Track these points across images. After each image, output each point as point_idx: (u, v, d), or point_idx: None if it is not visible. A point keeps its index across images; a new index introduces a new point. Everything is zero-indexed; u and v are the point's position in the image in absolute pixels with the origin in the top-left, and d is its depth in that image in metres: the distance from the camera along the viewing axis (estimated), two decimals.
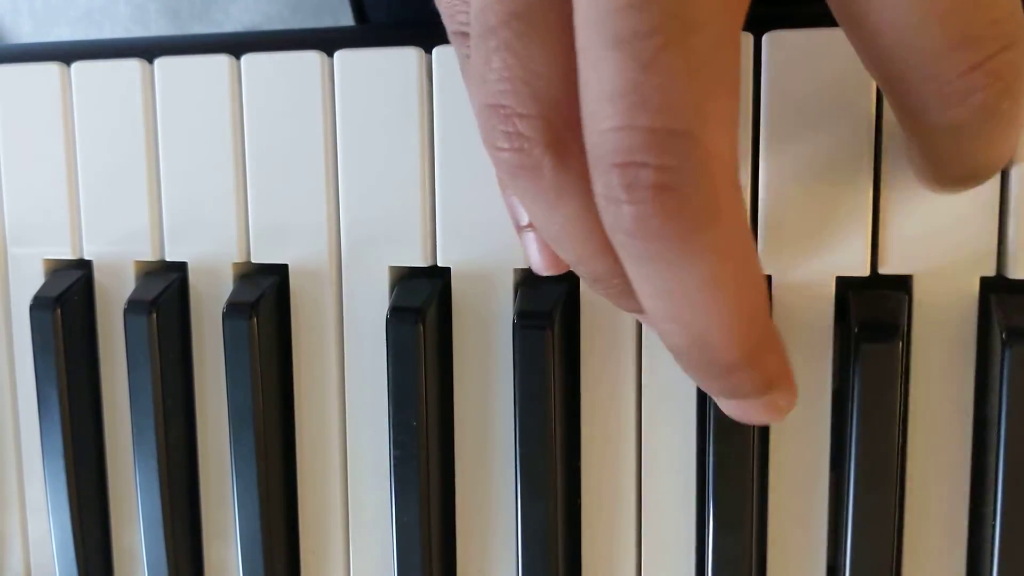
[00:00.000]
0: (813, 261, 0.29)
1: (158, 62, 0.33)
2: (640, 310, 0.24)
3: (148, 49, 0.34)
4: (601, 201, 0.20)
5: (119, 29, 0.43)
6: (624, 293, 0.24)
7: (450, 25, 0.25)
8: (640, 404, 0.31)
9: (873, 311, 0.28)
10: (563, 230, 0.23)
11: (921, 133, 0.22)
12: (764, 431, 0.30)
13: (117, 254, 0.35)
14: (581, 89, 0.20)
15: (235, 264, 0.34)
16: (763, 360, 0.23)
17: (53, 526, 0.36)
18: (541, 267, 0.27)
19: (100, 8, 0.43)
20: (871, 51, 0.21)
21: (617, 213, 0.20)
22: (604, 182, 0.20)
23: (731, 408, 0.25)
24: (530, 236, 0.27)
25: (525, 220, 0.27)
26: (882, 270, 0.28)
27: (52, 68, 0.34)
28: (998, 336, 0.27)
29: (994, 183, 0.27)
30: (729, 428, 0.29)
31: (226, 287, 0.34)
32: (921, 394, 0.29)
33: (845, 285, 0.29)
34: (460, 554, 0.33)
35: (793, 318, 0.29)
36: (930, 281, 0.28)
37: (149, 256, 0.35)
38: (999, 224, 0.27)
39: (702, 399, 0.30)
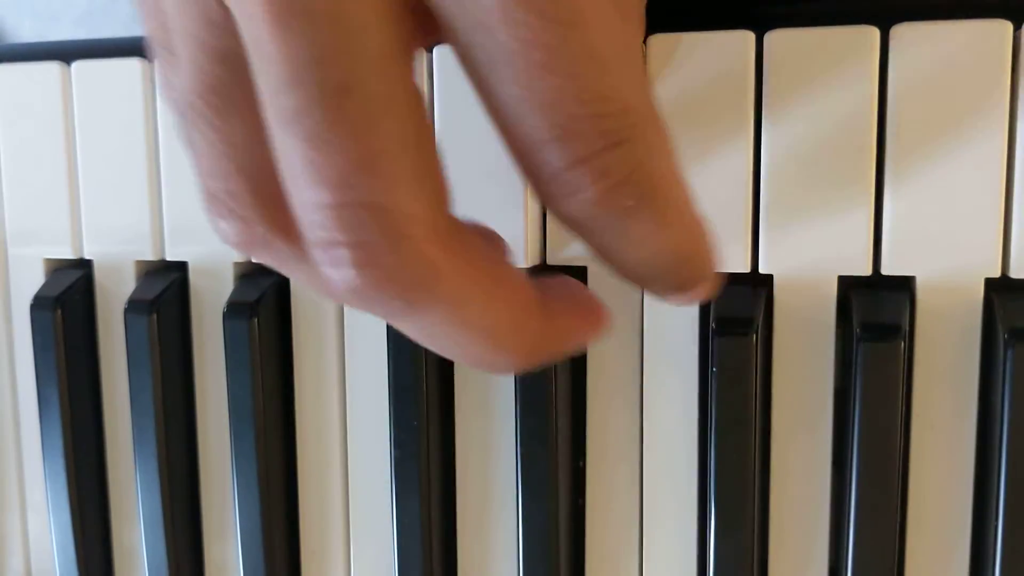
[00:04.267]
0: (815, 261, 0.28)
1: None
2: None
3: (148, 48, 0.34)
4: (321, 276, 0.20)
5: (119, 29, 0.43)
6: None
7: (167, 103, 0.24)
8: (642, 404, 0.31)
9: (875, 311, 0.28)
10: (318, 286, 0.22)
11: (561, 221, 0.21)
12: (766, 432, 0.30)
13: (117, 254, 0.35)
14: (278, 168, 0.20)
15: (236, 264, 0.34)
16: (549, 343, 0.23)
17: (53, 526, 0.36)
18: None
19: (100, 8, 0.43)
20: (498, 130, 0.20)
21: (333, 292, 0.20)
22: (315, 259, 0.20)
23: None
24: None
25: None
26: (884, 271, 0.28)
27: (52, 68, 0.34)
28: (1001, 337, 0.27)
29: (998, 183, 0.27)
30: (731, 428, 0.29)
31: (226, 287, 0.34)
32: (924, 395, 0.29)
33: (847, 285, 0.29)
34: (461, 554, 0.33)
35: (795, 318, 0.29)
36: (933, 282, 0.28)
37: (149, 256, 0.35)
38: (1004, 225, 0.27)
39: (704, 399, 0.30)
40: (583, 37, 0.19)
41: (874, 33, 0.27)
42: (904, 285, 0.29)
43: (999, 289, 0.28)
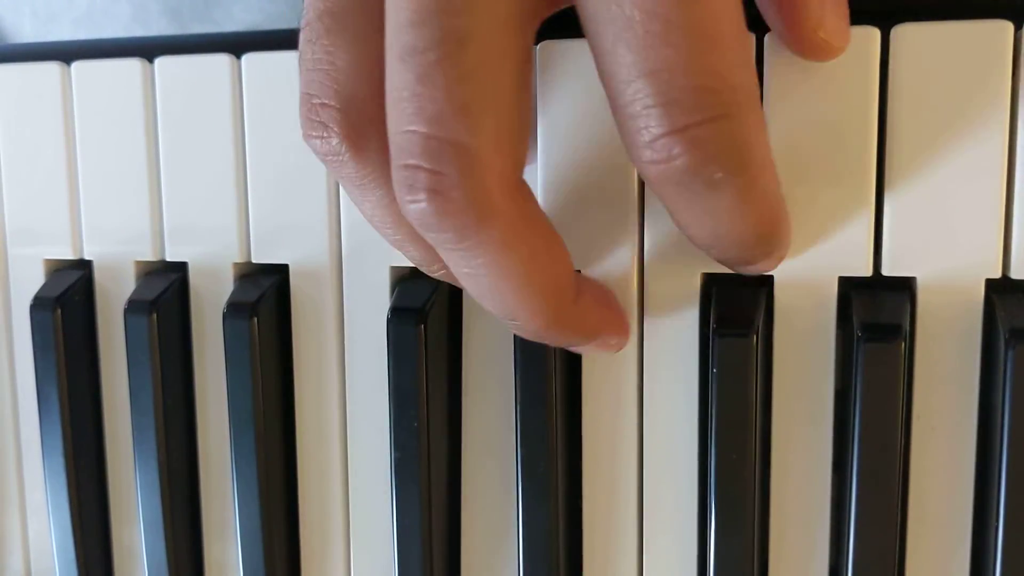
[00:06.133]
0: (816, 261, 0.28)
1: (158, 62, 0.33)
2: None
3: (148, 49, 0.34)
4: (395, 195, 0.23)
5: (120, 29, 0.42)
6: (450, 277, 0.26)
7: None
8: (642, 405, 0.31)
9: (875, 311, 0.28)
10: (373, 217, 0.26)
11: (649, 184, 0.23)
12: (766, 432, 0.30)
13: (117, 254, 0.35)
14: (386, 93, 0.22)
15: (235, 264, 0.34)
16: (572, 321, 0.26)
17: (53, 526, 0.36)
18: None
19: (100, 8, 0.43)
20: (607, 93, 0.22)
21: (403, 208, 0.23)
22: (395, 178, 0.22)
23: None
24: None
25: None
26: (885, 271, 0.28)
27: (52, 68, 0.34)
28: (1001, 337, 0.27)
29: (998, 183, 0.27)
30: (731, 428, 0.29)
31: (226, 287, 0.34)
32: (924, 395, 0.29)
33: (848, 285, 0.29)
34: (461, 555, 0.33)
35: (796, 318, 0.29)
36: (934, 283, 0.28)
37: (149, 256, 0.35)
38: (1004, 226, 0.27)
39: (704, 400, 0.30)
40: (702, 14, 0.20)
41: (875, 33, 0.27)
42: (905, 286, 0.29)
43: (1000, 290, 0.28)
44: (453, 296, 0.32)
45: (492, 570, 0.33)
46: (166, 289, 0.34)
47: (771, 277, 0.29)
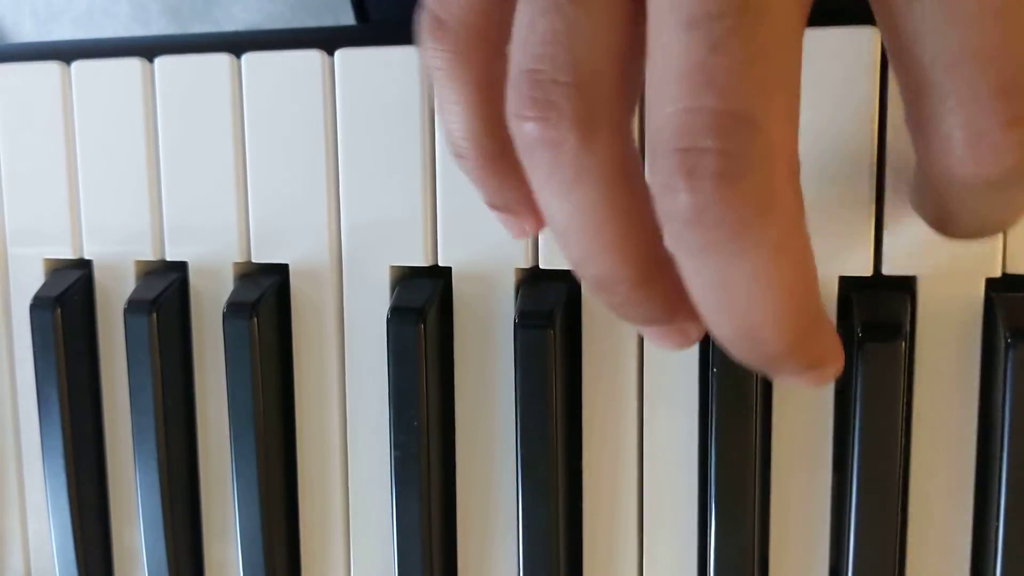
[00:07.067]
0: (816, 261, 0.28)
1: (158, 61, 0.33)
2: (644, 321, 0.24)
3: (148, 48, 0.34)
4: (658, 188, 0.20)
5: (120, 28, 0.43)
6: (629, 301, 0.23)
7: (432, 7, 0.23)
8: (642, 404, 0.31)
9: (876, 311, 0.28)
10: (573, 219, 0.22)
11: (942, 182, 0.20)
12: (766, 432, 0.30)
13: (117, 254, 0.35)
14: (648, 70, 0.20)
15: (235, 264, 0.34)
16: (809, 347, 0.22)
17: (53, 526, 0.36)
18: (515, 233, 0.26)
19: (100, 8, 0.43)
20: (909, 81, 0.20)
21: (674, 200, 0.19)
22: (664, 167, 0.19)
23: (778, 378, 0.24)
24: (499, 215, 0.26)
25: (494, 199, 0.25)
26: (885, 271, 0.28)
27: (52, 67, 0.34)
28: (1002, 337, 0.27)
29: None
30: (731, 429, 0.29)
31: (226, 287, 0.34)
32: (925, 395, 0.29)
33: (848, 285, 0.29)
34: (461, 555, 0.33)
35: None
36: (935, 282, 0.28)
37: (149, 256, 0.35)
38: None
39: (704, 399, 0.30)
40: None
41: (875, 33, 0.27)
42: (905, 285, 0.29)
43: (1000, 289, 0.28)
44: (444, 294, 0.32)
45: (489, 570, 0.33)
46: (166, 289, 0.34)
47: None
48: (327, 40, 0.32)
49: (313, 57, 0.32)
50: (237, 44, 0.33)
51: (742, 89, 0.19)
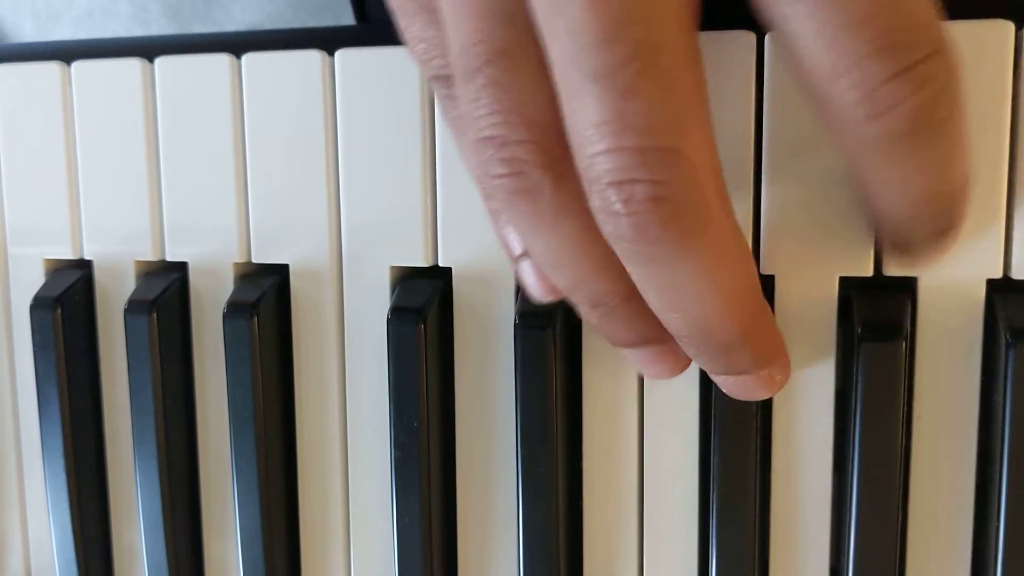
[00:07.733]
0: (816, 261, 0.28)
1: (158, 61, 0.33)
2: (640, 340, 0.27)
3: (148, 48, 0.34)
4: (600, 215, 0.22)
5: (120, 28, 0.43)
6: (622, 317, 0.25)
7: (428, 70, 0.26)
8: (642, 405, 0.31)
9: (876, 311, 0.28)
10: (561, 252, 0.24)
11: (856, 151, 0.22)
12: (767, 433, 0.30)
13: (117, 254, 0.35)
14: (567, 118, 0.22)
15: (236, 264, 0.34)
16: (757, 338, 0.25)
17: (53, 526, 0.36)
18: (540, 293, 0.28)
19: (100, 8, 0.43)
20: (796, 60, 0.21)
21: (617, 224, 0.22)
22: (602, 198, 0.22)
23: (730, 385, 0.27)
24: (525, 265, 0.28)
25: (519, 250, 0.28)
26: (886, 271, 0.28)
27: (52, 67, 0.34)
28: (1002, 337, 0.27)
29: (999, 184, 0.27)
30: (732, 428, 0.29)
31: (226, 287, 0.34)
32: (925, 395, 0.29)
33: (848, 285, 0.29)
34: (461, 555, 0.33)
35: (796, 318, 0.29)
36: (935, 282, 0.28)
37: (149, 256, 0.35)
38: (1006, 226, 0.27)
39: (705, 400, 0.30)
40: None
41: None
42: (906, 285, 0.29)
43: (1001, 290, 0.28)
44: (444, 294, 0.32)
45: (489, 570, 0.33)
46: (166, 289, 0.34)
47: (772, 277, 0.29)
48: (327, 40, 0.32)
49: (313, 57, 0.32)
50: (237, 44, 0.33)
51: (659, 127, 0.21)
